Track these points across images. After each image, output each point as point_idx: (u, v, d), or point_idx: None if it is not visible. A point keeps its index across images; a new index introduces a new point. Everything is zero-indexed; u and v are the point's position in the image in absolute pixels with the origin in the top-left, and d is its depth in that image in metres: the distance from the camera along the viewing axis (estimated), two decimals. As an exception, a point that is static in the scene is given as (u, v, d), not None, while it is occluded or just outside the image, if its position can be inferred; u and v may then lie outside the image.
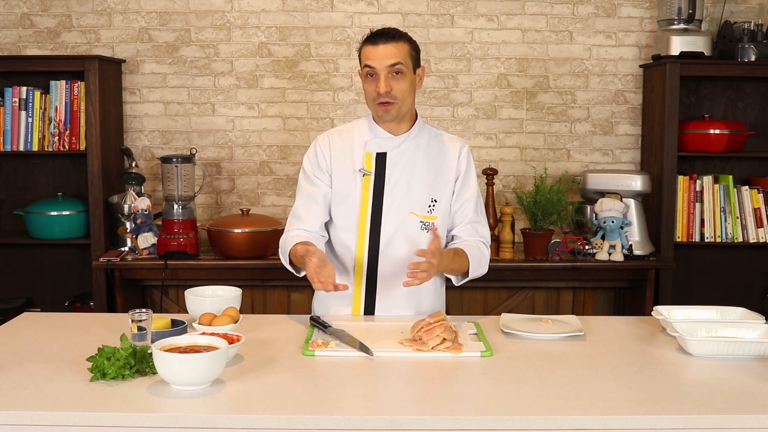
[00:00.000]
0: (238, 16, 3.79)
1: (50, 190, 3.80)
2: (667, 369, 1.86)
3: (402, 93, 2.24)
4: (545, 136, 3.86)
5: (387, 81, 2.21)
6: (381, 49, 2.21)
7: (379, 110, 2.26)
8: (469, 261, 2.27)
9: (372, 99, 2.26)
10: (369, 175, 2.31)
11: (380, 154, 2.32)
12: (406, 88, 2.25)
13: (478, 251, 2.31)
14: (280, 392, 1.68)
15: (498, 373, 1.81)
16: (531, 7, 3.79)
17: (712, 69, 3.57)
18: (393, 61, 2.21)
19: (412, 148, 2.33)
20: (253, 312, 3.53)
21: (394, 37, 2.23)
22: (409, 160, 2.32)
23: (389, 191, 2.30)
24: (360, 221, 2.31)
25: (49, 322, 2.24)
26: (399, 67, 2.22)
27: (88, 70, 3.45)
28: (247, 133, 3.85)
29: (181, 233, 3.41)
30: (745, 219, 3.63)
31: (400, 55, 2.22)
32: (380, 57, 2.21)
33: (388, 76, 2.22)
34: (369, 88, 2.25)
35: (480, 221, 2.37)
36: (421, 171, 2.32)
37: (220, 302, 2.17)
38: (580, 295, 3.64)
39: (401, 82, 2.23)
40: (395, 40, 2.22)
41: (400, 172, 2.31)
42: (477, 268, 2.31)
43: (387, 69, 2.21)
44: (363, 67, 2.26)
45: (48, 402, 1.61)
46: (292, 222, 2.35)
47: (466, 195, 2.36)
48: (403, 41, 2.25)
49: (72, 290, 3.81)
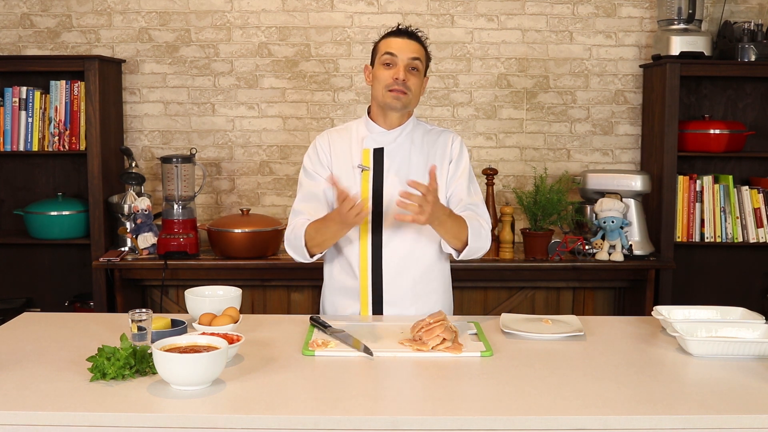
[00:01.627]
0: (238, 16, 3.79)
1: (50, 190, 3.80)
2: (667, 369, 1.86)
3: (415, 88, 2.32)
4: (545, 136, 3.86)
5: (405, 71, 2.29)
6: (405, 42, 2.31)
7: (390, 96, 2.30)
8: (468, 228, 2.25)
9: (386, 85, 2.30)
10: (368, 170, 2.34)
11: (377, 149, 2.36)
12: (418, 85, 2.33)
13: (477, 223, 2.29)
14: (280, 392, 1.68)
15: (498, 373, 1.81)
16: (531, 7, 3.79)
17: (712, 69, 3.57)
18: (414, 55, 2.30)
19: (407, 142, 2.37)
20: (253, 312, 3.53)
21: (417, 38, 2.35)
22: (405, 154, 2.36)
23: (388, 185, 2.33)
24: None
25: (49, 322, 2.24)
26: (417, 63, 2.31)
27: (88, 70, 3.45)
28: (247, 133, 3.85)
29: (181, 233, 3.41)
30: (745, 219, 3.63)
31: (420, 53, 2.33)
32: (403, 48, 2.30)
33: (406, 67, 2.29)
34: (385, 74, 2.30)
35: (477, 203, 2.36)
36: (417, 163, 2.35)
37: (220, 302, 2.17)
38: (580, 295, 3.64)
39: (416, 78, 2.31)
40: (418, 41, 2.34)
41: (397, 166, 2.34)
42: (476, 239, 2.27)
43: (407, 61, 2.29)
44: (382, 54, 2.31)
45: (48, 402, 1.61)
46: (292, 219, 2.37)
47: (459, 179, 2.37)
48: (422, 45, 2.36)
49: (72, 290, 3.81)
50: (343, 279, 2.39)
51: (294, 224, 2.33)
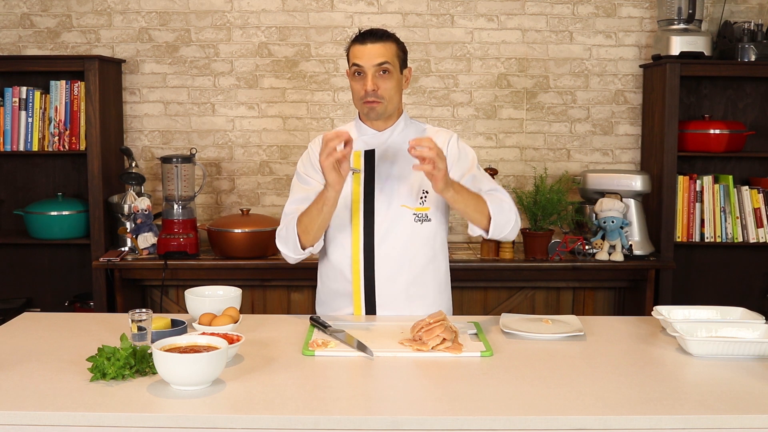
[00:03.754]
0: (238, 16, 3.79)
1: (50, 190, 3.80)
2: (667, 369, 1.86)
3: (388, 92, 2.27)
4: (545, 136, 3.86)
5: (374, 80, 2.25)
6: (369, 48, 2.25)
7: (365, 108, 2.29)
8: (487, 202, 2.19)
9: (359, 97, 2.28)
10: (359, 172, 2.32)
11: (368, 151, 2.34)
12: (393, 87, 2.28)
13: (496, 198, 2.23)
14: (280, 392, 1.68)
15: (498, 373, 1.81)
16: (531, 7, 3.79)
17: (712, 69, 3.57)
18: (380, 60, 2.24)
19: (399, 142, 2.33)
20: (253, 312, 3.53)
21: (381, 37, 2.26)
22: (396, 154, 2.33)
23: (380, 187, 2.31)
24: (353, 219, 2.31)
25: (49, 322, 2.24)
26: (386, 66, 2.25)
27: (88, 70, 3.45)
28: (247, 133, 3.85)
29: (181, 233, 3.41)
30: (745, 219, 3.64)
31: (387, 54, 2.25)
32: (368, 56, 2.24)
33: (375, 75, 2.25)
34: (357, 86, 2.28)
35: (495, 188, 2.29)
36: (409, 163, 2.28)
37: (220, 302, 2.17)
38: (580, 295, 3.63)
39: (388, 81, 2.26)
40: (383, 40, 2.26)
41: (389, 167, 2.32)
42: (500, 213, 2.20)
43: (374, 68, 2.24)
44: (351, 66, 2.29)
45: (48, 402, 1.61)
46: (284, 219, 2.34)
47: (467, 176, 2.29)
48: (390, 41, 2.28)
49: (72, 290, 3.81)
50: (335, 282, 2.37)
51: (287, 226, 2.31)
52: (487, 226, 2.23)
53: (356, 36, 2.30)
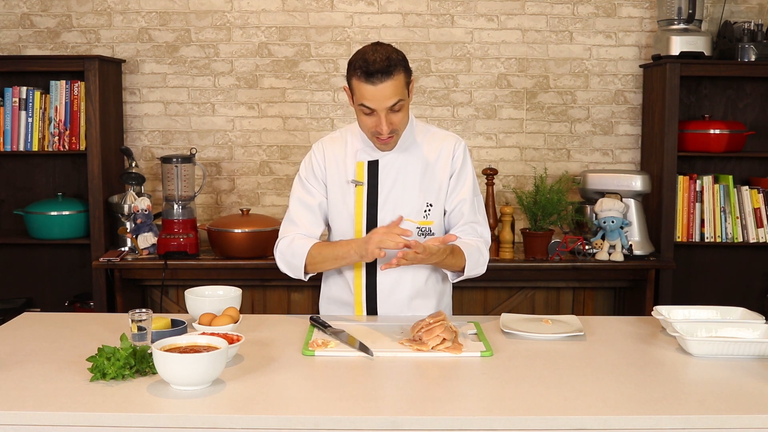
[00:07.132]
0: (238, 16, 3.79)
1: (50, 190, 3.80)
2: (667, 369, 1.86)
3: (402, 122, 2.18)
4: (545, 136, 3.86)
5: (388, 118, 2.12)
6: (380, 90, 2.07)
7: (378, 143, 2.20)
8: (466, 261, 2.23)
9: (371, 133, 2.18)
10: (361, 185, 2.27)
11: (372, 162, 2.28)
12: (405, 114, 2.18)
13: (477, 251, 2.26)
14: (280, 392, 1.68)
15: (498, 373, 1.81)
16: (531, 7, 3.79)
17: (712, 69, 3.57)
18: (393, 101, 2.10)
19: (403, 152, 2.27)
20: (253, 312, 3.53)
21: (390, 72, 2.07)
22: (401, 165, 2.27)
23: (383, 200, 2.26)
24: (356, 232, 2.28)
25: (49, 322, 2.24)
26: (399, 105, 2.12)
27: (88, 70, 3.45)
28: (247, 133, 3.85)
29: (181, 233, 3.41)
30: (745, 219, 3.63)
31: (398, 90, 2.10)
32: (380, 98, 2.09)
33: (387, 113, 2.12)
34: (367, 121, 2.15)
35: (479, 221, 2.31)
36: (414, 175, 2.26)
37: (220, 302, 2.17)
38: (580, 295, 3.63)
39: (400, 113, 2.15)
40: (392, 76, 2.07)
41: (393, 179, 2.26)
42: (474, 268, 2.26)
43: (386, 110, 2.11)
44: (359, 104, 2.13)
45: (48, 402, 1.61)
46: (288, 227, 2.32)
47: (462, 194, 2.28)
48: (398, 72, 2.09)
49: (72, 290, 3.81)
50: (338, 293, 2.37)
51: (292, 238, 2.28)
52: (456, 275, 2.30)
53: (362, 71, 2.08)
